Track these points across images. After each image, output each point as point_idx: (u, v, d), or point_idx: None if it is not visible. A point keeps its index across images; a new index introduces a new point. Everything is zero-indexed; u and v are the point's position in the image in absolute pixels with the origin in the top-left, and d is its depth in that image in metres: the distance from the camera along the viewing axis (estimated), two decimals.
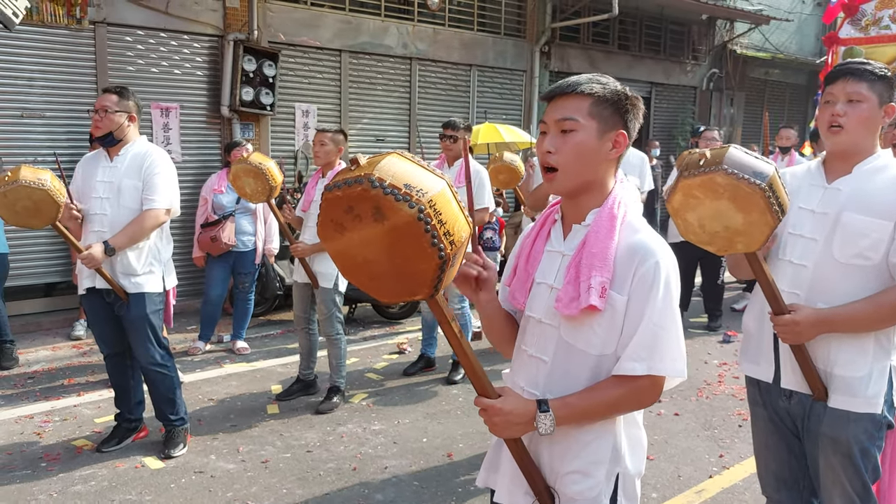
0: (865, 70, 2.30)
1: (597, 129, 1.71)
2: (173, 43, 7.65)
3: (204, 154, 8.01)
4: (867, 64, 2.34)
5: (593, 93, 1.71)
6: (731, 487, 4.01)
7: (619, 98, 1.73)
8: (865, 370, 2.25)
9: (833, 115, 2.30)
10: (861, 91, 2.28)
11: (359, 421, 4.85)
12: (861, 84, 2.28)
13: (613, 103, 1.72)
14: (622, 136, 1.73)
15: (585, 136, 1.71)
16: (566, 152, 1.71)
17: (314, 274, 4.93)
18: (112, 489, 3.83)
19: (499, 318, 1.93)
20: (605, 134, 1.72)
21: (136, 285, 4.03)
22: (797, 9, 15.58)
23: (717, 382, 5.80)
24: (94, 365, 5.87)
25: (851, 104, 2.29)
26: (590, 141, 1.71)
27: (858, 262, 2.24)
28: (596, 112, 1.71)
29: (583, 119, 1.70)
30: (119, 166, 4.04)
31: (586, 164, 1.73)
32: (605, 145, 1.73)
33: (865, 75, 2.29)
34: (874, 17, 7.33)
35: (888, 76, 2.31)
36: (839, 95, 2.31)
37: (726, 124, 14.32)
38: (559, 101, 1.74)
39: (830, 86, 2.35)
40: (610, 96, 1.72)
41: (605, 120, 1.71)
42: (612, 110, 1.72)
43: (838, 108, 2.30)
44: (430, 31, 9.82)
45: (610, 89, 1.72)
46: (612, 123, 1.72)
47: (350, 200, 1.46)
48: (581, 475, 1.77)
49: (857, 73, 2.30)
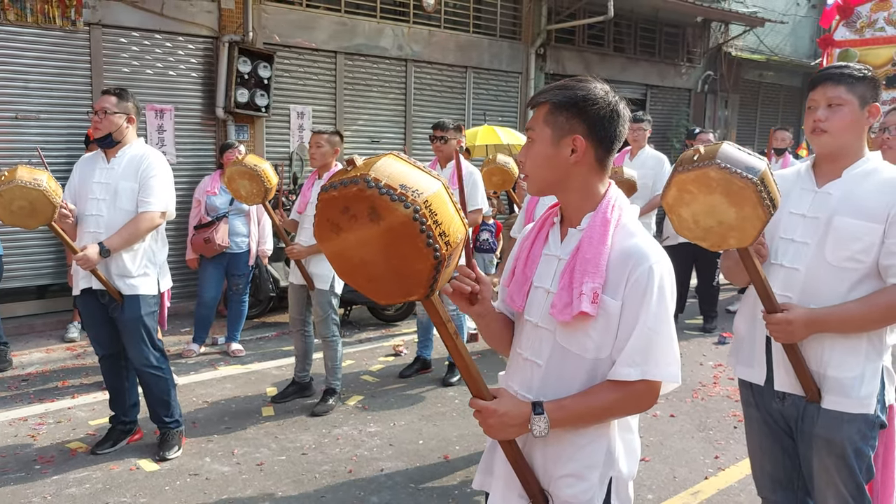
0: (843, 74, 2.30)
1: (550, 136, 1.73)
2: (168, 44, 7.64)
3: (198, 156, 8.00)
4: (846, 67, 2.33)
5: (548, 101, 1.74)
6: (727, 489, 4.02)
7: (574, 103, 1.71)
8: (858, 371, 2.26)
9: (815, 121, 2.32)
10: (840, 95, 2.28)
11: (354, 423, 4.84)
12: (840, 88, 2.28)
13: (566, 109, 1.71)
14: (579, 140, 1.72)
15: (540, 144, 1.75)
16: (528, 161, 1.79)
17: (310, 276, 4.93)
18: (106, 491, 3.82)
19: (496, 324, 1.93)
20: (559, 140, 1.72)
21: (131, 287, 4.02)
22: (792, 11, 15.63)
23: (713, 384, 5.82)
24: (88, 367, 5.85)
25: (832, 109, 2.29)
26: (544, 149, 1.74)
27: (850, 265, 2.25)
28: (550, 119, 1.73)
29: (538, 128, 1.75)
30: (116, 168, 4.03)
31: (546, 170, 1.76)
32: (562, 151, 1.73)
33: (844, 79, 2.29)
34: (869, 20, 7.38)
35: (869, 76, 2.31)
36: (820, 101, 2.32)
37: (721, 126, 14.34)
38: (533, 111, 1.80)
39: (812, 92, 2.36)
40: (563, 102, 1.71)
41: (558, 126, 1.72)
42: (566, 116, 1.72)
43: (819, 114, 2.31)
44: (426, 32, 9.82)
45: (565, 95, 1.71)
46: (568, 129, 1.72)
47: (346, 201, 1.46)
48: (575, 478, 1.77)
49: (836, 78, 2.30)
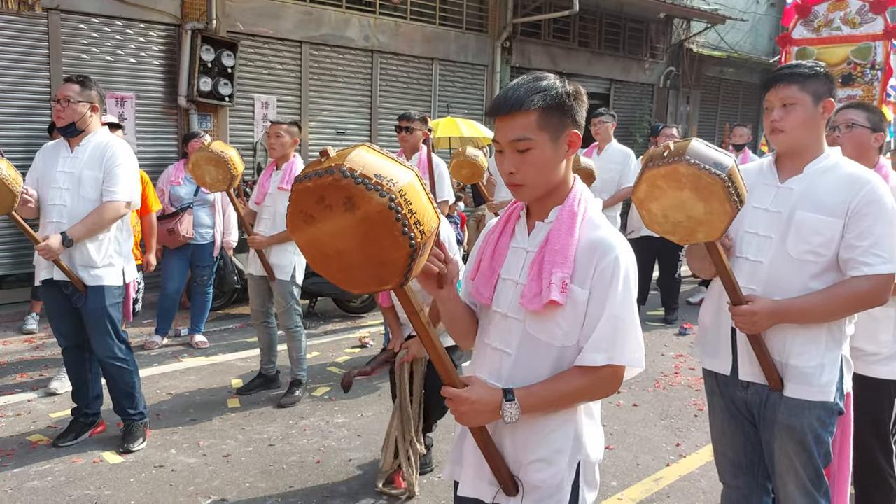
0: (794, 73, 2.36)
1: (549, 139, 1.74)
2: (129, 31, 7.50)
3: (160, 145, 7.88)
4: (797, 66, 2.40)
5: (536, 107, 1.72)
6: (688, 475, 4.11)
7: (561, 101, 1.75)
8: (819, 360, 2.33)
9: (772, 122, 2.39)
10: (793, 94, 2.34)
11: (321, 414, 4.84)
12: (792, 87, 2.34)
13: (558, 108, 1.74)
14: (574, 134, 1.78)
15: (541, 150, 1.74)
16: (526, 170, 1.76)
17: (270, 266, 4.89)
18: (69, 484, 3.76)
19: (459, 311, 1.95)
20: (557, 140, 1.76)
21: (96, 278, 3.96)
22: (752, 9, 15.90)
23: (674, 374, 5.93)
24: (48, 359, 5.75)
25: (786, 108, 2.36)
26: (546, 153, 1.75)
27: (811, 258, 2.32)
28: (545, 123, 1.73)
29: (534, 135, 1.73)
30: (80, 157, 3.96)
31: (548, 174, 1.77)
32: (561, 149, 1.77)
33: (795, 78, 2.35)
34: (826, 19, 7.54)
35: (821, 73, 2.37)
36: (774, 102, 2.39)
37: (682, 122, 14.55)
38: (507, 121, 1.74)
39: (767, 93, 2.42)
40: (553, 103, 1.73)
41: (554, 127, 1.74)
42: (559, 115, 1.75)
43: (775, 115, 2.38)
44: (392, 24, 9.78)
45: (552, 95, 1.73)
46: (563, 127, 1.76)
47: (321, 190, 1.47)
48: (545, 463, 1.82)
49: (787, 78, 2.36)
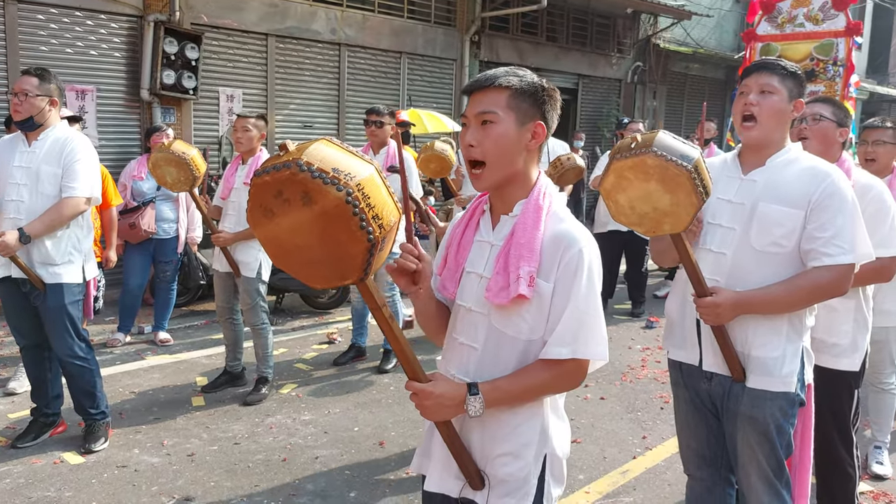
0: (777, 65, 2.48)
1: (515, 120, 1.76)
2: (89, 23, 7.33)
3: (122, 139, 7.73)
4: (780, 61, 2.52)
5: (510, 85, 1.76)
6: (654, 467, 4.15)
7: (535, 90, 1.79)
8: (780, 351, 2.36)
9: (746, 105, 2.44)
10: (773, 83, 2.43)
11: (288, 412, 4.79)
12: (773, 77, 2.44)
13: (531, 95, 1.78)
14: (540, 126, 1.80)
15: (505, 127, 1.76)
16: (487, 144, 1.77)
17: (236, 263, 4.83)
18: (29, 486, 3.68)
19: (433, 307, 1.95)
20: (523, 125, 1.77)
21: (55, 275, 3.87)
22: (717, 5, 16.06)
23: (641, 367, 5.98)
24: (6, 358, 5.62)
25: (764, 95, 2.43)
26: (509, 132, 1.76)
27: (773, 249, 2.36)
28: (514, 104, 1.76)
29: (501, 111, 1.76)
30: (38, 151, 3.85)
31: (508, 155, 1.78)
32: (525, 136, 1.78)
33: (777, 69, 2.46)
34: (790, 15, 7.64)
35: (798, 74, 2.47)
36: (753, 87, 2.46)
37: (649, 116, 14.68)
38: (478, 96, 1.79)
39: (746, 79, 2.50)
40: (527, 88, 1.77)
41: (523, 112, 1.77)
42: (529, 102, 1.78)
43: (751, 98, 2.44)
44: (360, 17, 9.71)
45: (527, 82, 1.78)
46: (531, 115, 1.78)
47: (279, 185, 1.46)
48: (511, 457, 1.82)
49: (770, 67, 2.47)
